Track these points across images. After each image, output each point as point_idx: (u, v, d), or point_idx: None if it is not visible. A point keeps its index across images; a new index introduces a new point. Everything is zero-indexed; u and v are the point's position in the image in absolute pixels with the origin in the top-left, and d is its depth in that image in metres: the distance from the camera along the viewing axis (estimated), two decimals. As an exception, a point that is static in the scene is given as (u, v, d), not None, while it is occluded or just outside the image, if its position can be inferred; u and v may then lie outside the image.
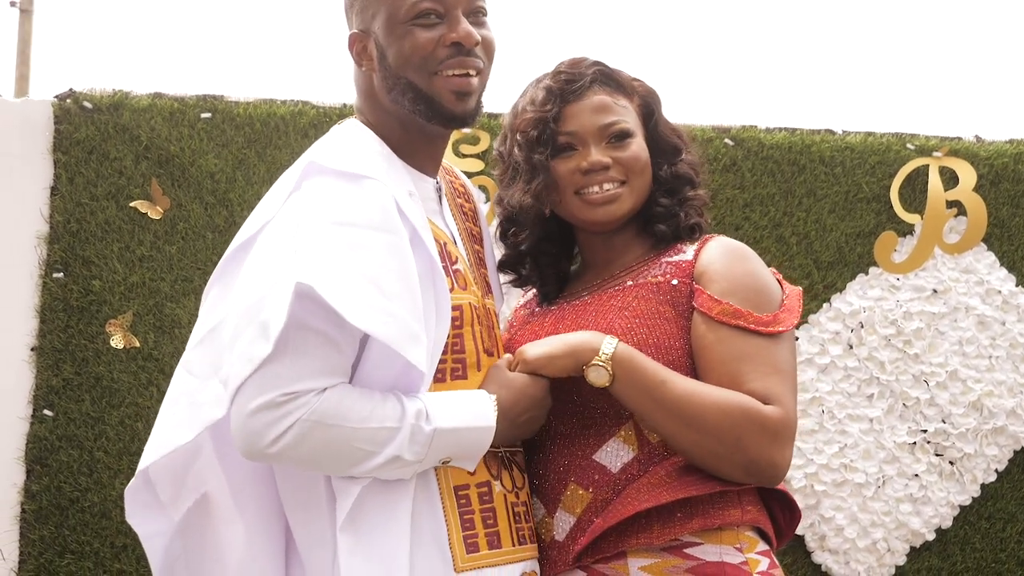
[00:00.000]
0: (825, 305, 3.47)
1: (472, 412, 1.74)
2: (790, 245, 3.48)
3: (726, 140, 3.48)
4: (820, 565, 3.41)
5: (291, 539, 1.82)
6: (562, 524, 1.88)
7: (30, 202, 3.25)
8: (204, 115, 3.30)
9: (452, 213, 1.95)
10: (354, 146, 1.79)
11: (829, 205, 3.50)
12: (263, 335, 1.60)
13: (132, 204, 3.26)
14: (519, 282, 2.11)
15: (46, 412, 3.21)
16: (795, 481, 3.37)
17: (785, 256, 3.48)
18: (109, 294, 3.24)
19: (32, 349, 3.24)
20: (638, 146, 1.99)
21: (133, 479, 1.76)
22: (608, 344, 1.81)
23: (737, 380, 1.81)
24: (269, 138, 3.32)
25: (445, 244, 1.86)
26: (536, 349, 1.85)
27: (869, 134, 3.56)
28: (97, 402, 3.22)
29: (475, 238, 2.02)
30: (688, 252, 1.96)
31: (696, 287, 1.89)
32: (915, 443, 3.42)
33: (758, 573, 1.83)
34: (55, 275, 3.24)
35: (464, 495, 1.76)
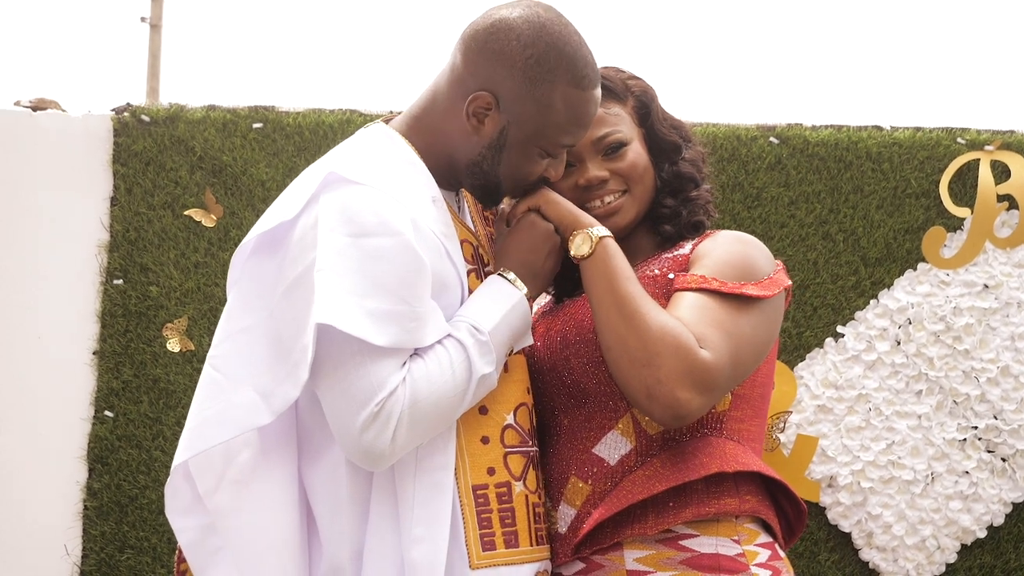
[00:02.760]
0: (872, 302, 3.44)
1: (502, 297, 1.82)
2: (837, 242, 3.46)
3: (771, 139, 3.48)
4: (868, 563, 3.38)
5: (312, 525, 1.88)
6: (564, 517, 1.91)
7: (92, 212, 3.38)
8: (256, 125, 3.41)
9: (473, 218, 2.01)
10: (376, 155, 1.84)
11: (877, 201, 3.47)
12: (298, 364, 1.69)
13: (187, 213, 3.38)
14: None
15: (107, 413, 3.34)
16: (841, 478, 3.35)
17: (832, 253, 3.46)
18: (166, 299, 3.37)
19: (94, 353, 3.37)
20: (634, 153, 1.99)
21: (171, 476, 1.83)
22: (604, 229, 1.86)
23: None
24: (318, 146, 3.41)
25: (477, 247, 1.92)
26: (549, 192, 1.91)
27: (918, 129, 3.52)
28: (155, 403, 3.34)
29: (495, 243, 2.07)
30: (687, 247, 1.98)
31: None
32: (965, 440, 3.38)
33: (756, 565, 1.83)
34: (115, 282, 3.37)
35: (482, 495, 1.80)
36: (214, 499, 1.82)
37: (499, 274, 1.85)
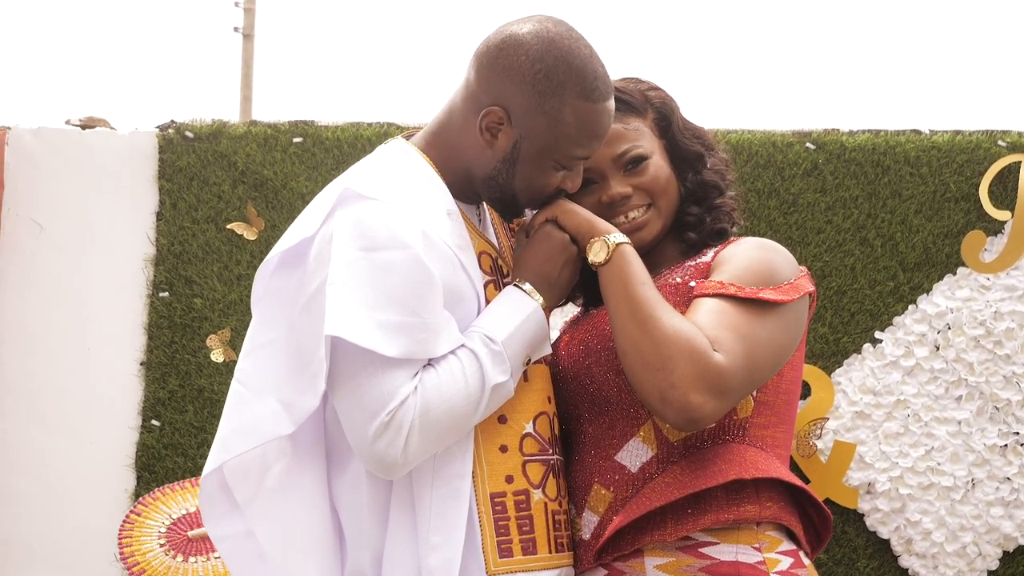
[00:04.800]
0: (911, 307, 3.42)
1: (517, 307, 1.85)
2: (875, 247, 3.44)
3: (807, 144, 3.47)
4: (907, 569, 3.36)
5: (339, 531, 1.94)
6: (588, 524, 1.93)
7: (138, 227, 3.47)
8: (296, 140, 3.47)
9: (496, 231, 2.04)
10: (392, 171, 1.88)
11: (915, 206, 3.45)
12: (316, 375, 1.74)
13: (230, 226, 3.46)
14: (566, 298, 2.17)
15: (154, 422, 3.42)
16: (879, 485, 3.33)
17: (870, 258, 3.44)
18: (210, 311, 3.44)
19: (141, 364, 3.46)
20: (656, 167, 1.99)
21: (203, 486, 1.87)
22: (621, 236, 1.88)
23: None
24: (356, 159, 3.40)
25: (496, 258, 1.95)
26: (565, 203, 1.92)
27: (957, 132, 3.49)
28: (199, 412, 3.42)
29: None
30: (709, 254, 1.99)
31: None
32: (1006, 445, 3.34)
33: (776, 573, 1.82)
34: (161, 294, 3.45)
35: (500, 502, 1.83)
36: (253, 508, 1.86)
37: (515, 284, 1.88)
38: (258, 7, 14.09)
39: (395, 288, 1.74)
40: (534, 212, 1.98)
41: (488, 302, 1.88)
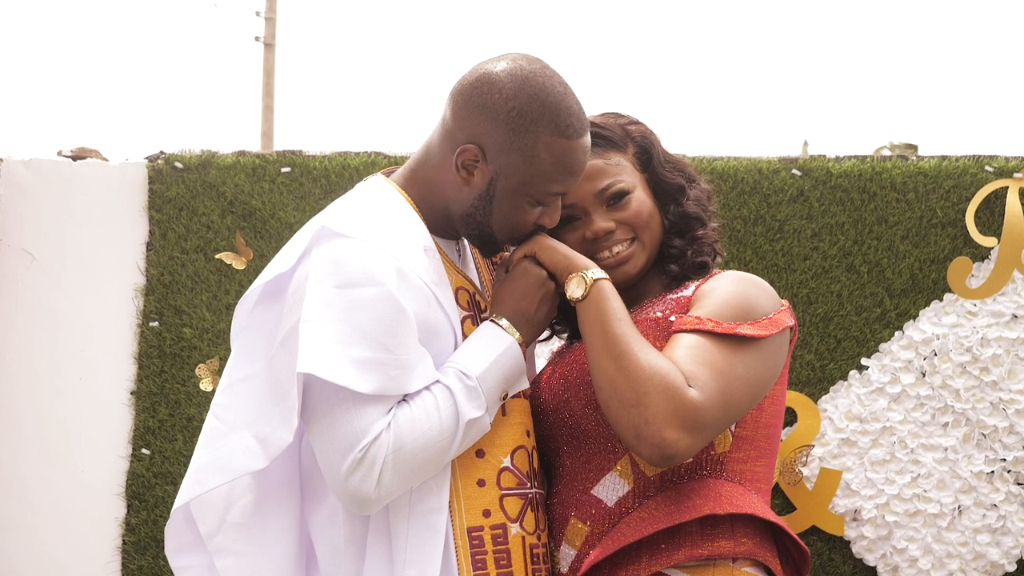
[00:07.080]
0: (897, 333, 3.42)
1: (493, 343, 1.87)
2: (861, 274, 3.45)
3: (793, 171, 3.48)
4: (895, 596, 3.36)
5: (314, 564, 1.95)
6: (566, 557, 1.94)
7: (128, 257, 3.49)
8: (284, 170, 3.49)
9: (478, 265, 2.06)
10: (369, 208, 1.91)
11: (902, 232, 3.45)
12: (292, 411, 1.77)
13: (218, 256, 3.47)
14: (550, 331, 2.18)
15: (144, 451, 3.43)
16: (865, 512, 3.33)
17: (856, 285, 3.44)
18: (199, 340, 3.46)
19: (131, 393, 3.47)
20: (638, 201, 2.01)
21: (172, 518, 1.90)
22: (599, 272, 1.89)
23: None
24: (344, 189, 3.47)
25: (474, 294, 1.97)
26: (544, 239, 1.94)
27: (944, 158, 3.49)
28: (189, 441, 3.43)
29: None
30: (690, 288, 2.00)
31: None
32: (993, 472, 3.34)
33: (750, 610, 1.82)
34: (151, 324, 3.47)
35: (477, 536, 1.85)
36: (215, 541, 1.89)
37: (491, 320, 1.90)
38: (269, 17, 14.05)
39: (368, 325, 1.76)
40: (514, 248, 2.00)
41: (465, 337, 1.90)
